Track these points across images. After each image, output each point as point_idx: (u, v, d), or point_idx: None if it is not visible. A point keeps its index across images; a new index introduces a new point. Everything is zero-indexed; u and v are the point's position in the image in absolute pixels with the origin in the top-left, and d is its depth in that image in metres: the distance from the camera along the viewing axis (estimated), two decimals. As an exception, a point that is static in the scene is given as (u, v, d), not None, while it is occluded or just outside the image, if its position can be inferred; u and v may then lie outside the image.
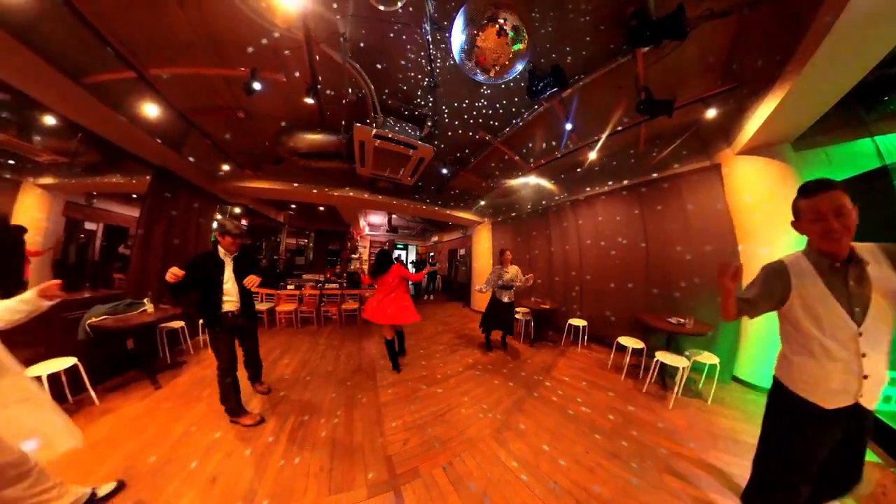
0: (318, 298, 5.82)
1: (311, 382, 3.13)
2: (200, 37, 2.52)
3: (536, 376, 3.38)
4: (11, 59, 2.10)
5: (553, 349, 4.36)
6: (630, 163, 4.28)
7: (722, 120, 3.17)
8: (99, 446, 1.96)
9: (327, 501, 1.64)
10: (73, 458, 1.79)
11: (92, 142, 3.29)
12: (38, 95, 2.51)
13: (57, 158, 3.44)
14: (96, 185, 4.53)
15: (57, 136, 3.33)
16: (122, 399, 2.57)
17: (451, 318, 6.58)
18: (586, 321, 4.48)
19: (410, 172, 4.31)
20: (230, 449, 2.00)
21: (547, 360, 3.92)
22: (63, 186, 4.11)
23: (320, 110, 3.30)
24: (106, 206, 5.14)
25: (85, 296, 3.00)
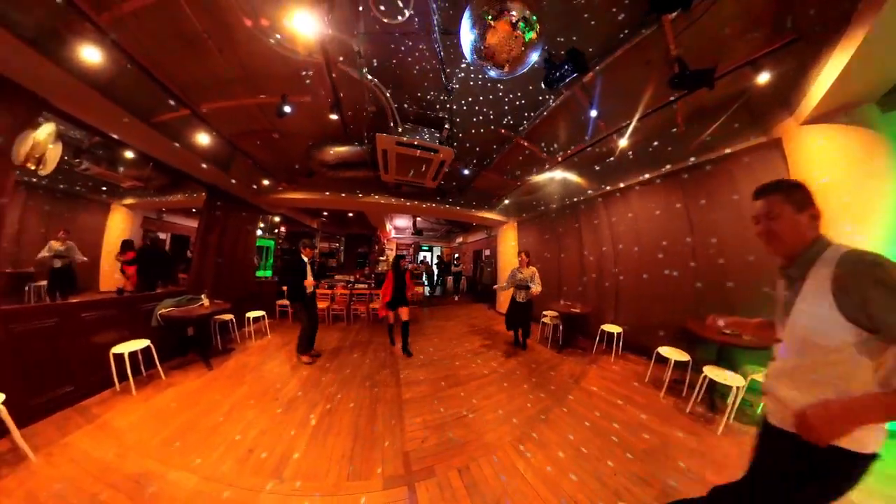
0: (348, 297, 6.27)
1: (339, 374, 3.34)
2: (237, 74, 2.91)
3: (563, 385, 3.15)
4: (99, 110, 2.66)
5: (583, 357, 4.04)
6: (668, 147, 3.74)
7: (778, 84, 2.55)
8: (163, 413, 2.40)
9: (346, 486, 1.75)
10: (143, 421, 2.26)
11: (160, 168, 4.00)
12: (119, 135, 3.12)
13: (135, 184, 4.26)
14: (164, 203, 5.58)
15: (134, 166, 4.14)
16: (182, 376, 3.08)
17: (476, 319, 6.50)
18: (622, 328, 4.02)
19: (433, 175, 4.43)
20: (265, 427, 2.26)
21: (576, 368, 3.64)
22: (140, 205, 5.12)
23: (344, 124, 3.62)
24: (172, 219, 6.33)
25: (158, 292, 3.64)
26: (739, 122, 3.09)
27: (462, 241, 11.30)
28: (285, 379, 3.14)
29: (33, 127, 2.39)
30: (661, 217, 4.01)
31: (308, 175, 5.26)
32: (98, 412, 2.38)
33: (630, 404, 2.76)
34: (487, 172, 4.98)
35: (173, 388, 2.82)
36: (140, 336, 2.93)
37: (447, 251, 12.38)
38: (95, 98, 2.48)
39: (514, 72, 2.05)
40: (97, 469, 1.74)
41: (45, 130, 2.46)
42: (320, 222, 9.28)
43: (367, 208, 6.90)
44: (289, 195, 5.68)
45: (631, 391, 3.03)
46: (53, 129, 2.54)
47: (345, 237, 10.40)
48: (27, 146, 2.35)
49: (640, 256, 4.26)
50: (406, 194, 6.09)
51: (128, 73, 2.45)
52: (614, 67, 2.51)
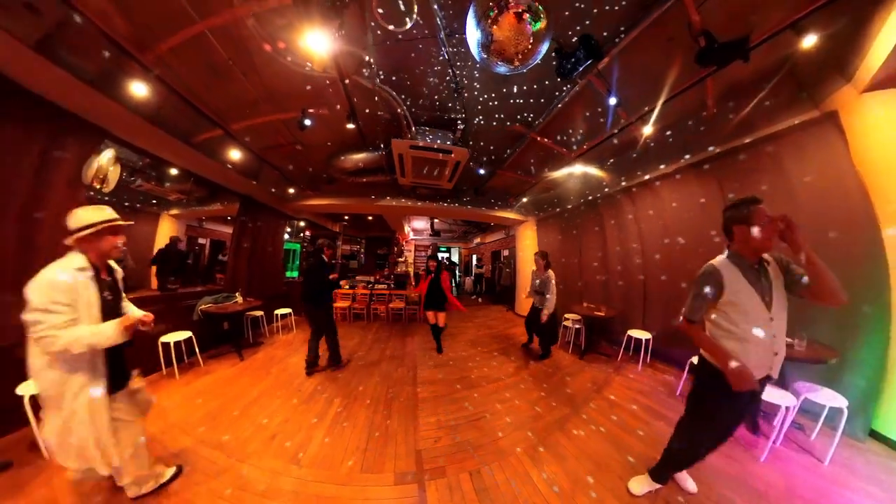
0: (368, 297, 6.55)
1: (358, 370, 3.48)
2: (261, 94, 3.20)
3: (584, 393, 2.99)
4: (148, 135, 3.08)
5: (607, 364, 3.80)
6: (700, 131, 3.36)
7: (829, 48, 2.16)
8: (201, 395, 2.74)
9: (359, 478, 1.83)
10: (184, 402, 2.58)
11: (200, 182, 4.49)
12: (165, 156, 3.56)
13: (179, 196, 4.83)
14: (204, 212, 6.31)
15: (178, 181, 4.72)
16: (218, 365, 3.47)
17: (494, 321, 6.43)
18: (650, 333, 3.72)
19: (448, 177, 4.48)
20: (288, 416, 2.46)
21: (598, 376, 3.43)
22: (184, 215, 5.85)
23: (360, 132, 3.79)
24: (211, 226, 7.17)
25: (198, 289, 4.09)
26: (784, 96, 2.62)
27: (480, 242, 11.21)
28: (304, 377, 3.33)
29: (97, 153, 2.82)
30: (695, 209, 3.57)
31: (329, 182, 5.58)
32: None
33: (657, 418, 2.51)
34: (503, 171, 4.92)
35: (210, 375, 3.19)
36: (183, 328, 3.36)
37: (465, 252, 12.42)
38: (145, 125, 2.90)
39: (525, 66, 1.98)
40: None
41: (106, 155, 2.91)
42: (342, 226, 9.78)
43: (385, 211, 7.16)
44: (312, 201, 6.09)
45: (659, 403, 2.77)
46: (113, 154, 2.99)
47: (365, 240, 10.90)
48: (93, 169, 2.78)
49: (670, 255, 3.85)
50: (423, 196, 6.22)
51: (169, 102, 2.82)
52: (632, 49, 2.31)
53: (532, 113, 3.47)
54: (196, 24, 2.29)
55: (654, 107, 2.96)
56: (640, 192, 4.32)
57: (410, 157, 3.87)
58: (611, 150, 4.09)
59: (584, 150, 4.01)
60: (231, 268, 4.81)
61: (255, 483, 1.75)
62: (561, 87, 2.97)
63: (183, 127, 3.27)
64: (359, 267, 10.42)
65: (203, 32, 2.36)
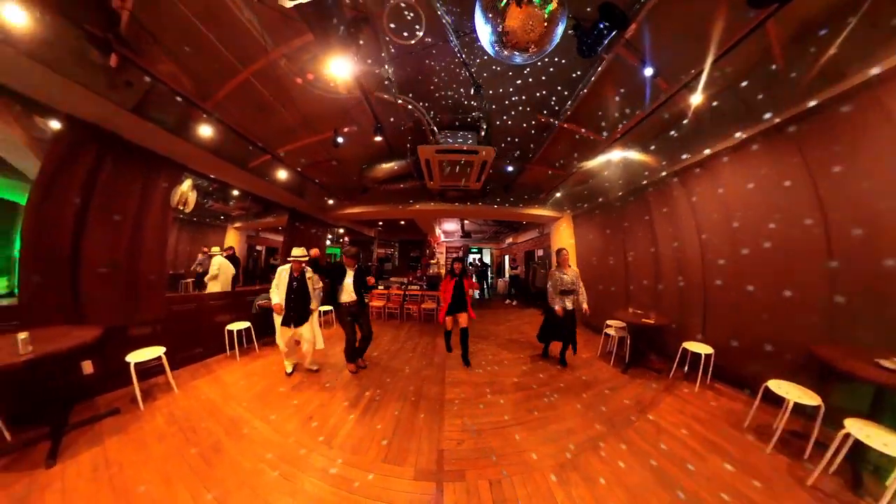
0: (402, 297, 6.85)
1: (389, 366, 3.61)
2: (299, 121, 3.71)
3: (626, 413, 2.63)
4: (215, 165, 3.80)
5: (655, 381, 3.29)
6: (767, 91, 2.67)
7: None
8: (255, 375, 3.28)
9: (381, 467, 1.90)
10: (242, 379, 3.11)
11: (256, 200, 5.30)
12: (228, 180, 4.33)
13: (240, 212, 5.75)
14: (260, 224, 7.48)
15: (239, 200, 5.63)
16: (269, 350, 4.06)
17: (527, 325, 6.05)
18: (712, 348, 3.11)
19: (476, 177, 4.45)
20: (324, 401, 2.71)
21: (644, 394, 2.99)
22: (244, 227, 7.02)
23: (387, 143, 4.11)
24: (266, 236, 8.43)
25: (256, 288, 4.84)
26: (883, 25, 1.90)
27: (512, 242, 10.94)
28: (343, 364, 3.61)
29: (180, 182, 3.55)
30: (768, 190, 2.78)
31: (363, 191, 6.08)
32: (214, 368, 3.42)
33: (714, 452, 2.06)
34: (533, 165, 4.71)
35: (263, 359, 3.77)
36: (244, 319, 4.02)
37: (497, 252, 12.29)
38: (211, 158, 3.61)
39: (543, 51, 1.87)
40: (209, 406, 2.58)
41: (186, 184, 3.65)
42: (377, 231, 10.51)
43: (415, 216, 7.50)
44: (349, 210, 6.70)
45: (719, 435, 2.27)
46: (191, 182, 3.75)
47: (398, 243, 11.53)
48: (177, 195, 3.51)
49: (737, 250, 3.10)
50: (452, 198, 6.21)
51: (228, 137, 3.45)
52: (663, 7, 2.03)
53: (558, 100, 3.26)
54: (241, 73, 2.81)
55: (701, 69, 2.41)
56: (694, 174, 3.61)
57: (437, 161, 4.00)
58: (655, 128, 3.46)
59: (621, 133, 3.47)
60: (282, 270, 5.58)
61: (292, 453, 2.00)
62: (586, 67, 2.72)
63: (240, 156, 3.96)
64: (392, 269, 11.07)
65: (248, 78, 2.88)
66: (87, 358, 2.57)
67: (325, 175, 5.29)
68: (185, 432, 2.15)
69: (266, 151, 4.00)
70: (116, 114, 2.56)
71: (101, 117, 2.57)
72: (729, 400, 2.84)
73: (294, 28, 2.34)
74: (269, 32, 2.38)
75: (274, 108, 3.36)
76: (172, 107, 2.84)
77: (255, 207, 6.21)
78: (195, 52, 2.49)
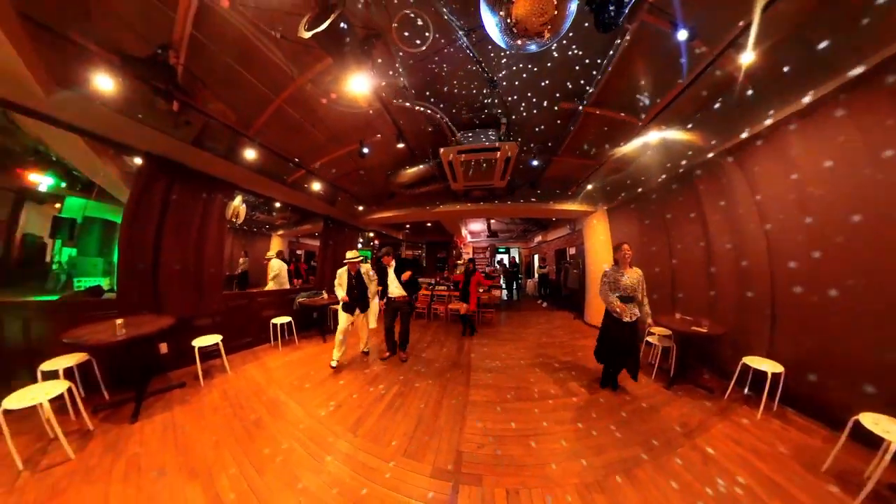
0: (429, 298, 7.05)
1: (415, 364, 3.71)
2: (328, 137, 4.12)
3: (667, 436, 2.25)
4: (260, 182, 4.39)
5: (707, 400, 2.80)
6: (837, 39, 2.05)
7: None
8: (294, 364, 3.71)
9: (401, 460, 1.97)
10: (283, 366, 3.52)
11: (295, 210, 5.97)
12: (271, 194, 4.95)
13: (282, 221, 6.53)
14: (299, 231, 8.39)
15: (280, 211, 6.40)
16: (307, 343, 4.55)
17: (558, 329, 5.74)
18: (783, 365, 2.54)
19: (500, 175, 4.38)
20: (353, 390, 2.94)
21: (691, 415, 2.54)
22: (286, 234, 8.09)
23: (410, 149, 4.30)
24: (305, 241, 9.64)
25: (297, 288, 5.45)
26: None
27: (541, 241, 10.50)
28: (372, 359, 3.92)
29: (232, 199, 4.19)
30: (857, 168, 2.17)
31: (390, 197, 6.43)
32: (260, 356, 3.95)
33: (779, 497, 1.66)
34: (560, 158, 4.40)
35: (301, 350, 4.26)
36: (287, 314, 4.56)
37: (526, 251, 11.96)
38: (256, 177, 4.19)
39: (557, 34, 1.77)
40: (255, 387, 3.03)
41: (238, 200, 4.31)
42: (404, 233, 10.94)
43: (441, 217, 7.64)
44: (377, 215, 7.13)
45: (788, 477, 1.80)
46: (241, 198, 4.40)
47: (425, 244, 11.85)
48: (231, 210, 4.16)
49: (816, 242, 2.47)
50: (477, 198, 6.17)
51: (269, 158, 3.98)
52: None
53: (581, 84, 2.99)
54: (274, 101, 3.25)
55: (749, 20, 2.00)
56: (753, 150, 2.98)
57: (459, 161, 4.03)
58: (697, 101, 2.95)
59: (657, 111, 3.04)
60: (319, 272, 6.18)
61: (320, 436, 2.21)
62: (608, 43, 2.48)
63: (279, 173, 4.53)
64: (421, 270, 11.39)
65: (280, 105, 3.31)
66: (163, 341, 3.21)
67: (355, 184, 5.72)
68: (234, 407, 2.58)
69: (301, 167, 4.52)
70: (181, 147, 3.17)
71: (169, 151, 3.20)
72: (803, 433, 2.26)
73: (314, 55, 2.61)
74: (293, 63, 2.72)
75: (305, 128, 3.80)
76: (222, 137, 3.40)
77: (294, 217, 7.02)
78: (236, 90, 2.96)
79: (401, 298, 3.71)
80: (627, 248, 2.82)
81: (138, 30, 2.16)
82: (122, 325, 2.35)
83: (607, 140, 3.92)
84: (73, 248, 5.75)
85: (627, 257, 2.82)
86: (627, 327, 2.80)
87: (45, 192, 5.44)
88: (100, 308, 2.91)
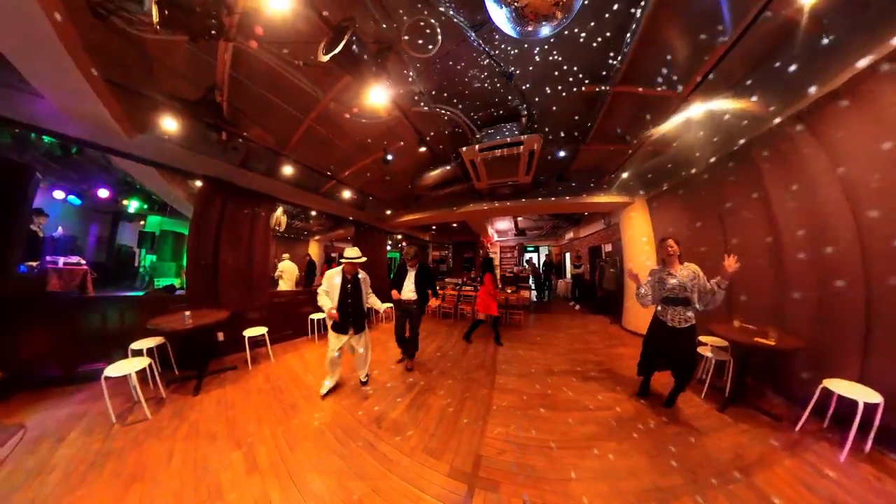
0: (456, 298, 7.14)
1: (440, 363, 3.77)
2: (353, 148, 4.47)
3: (717, 469, 1.91)
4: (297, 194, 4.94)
5: (772, 431, 2.30)
6: None
7: None
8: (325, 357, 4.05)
9: (419, 456, 2.02)
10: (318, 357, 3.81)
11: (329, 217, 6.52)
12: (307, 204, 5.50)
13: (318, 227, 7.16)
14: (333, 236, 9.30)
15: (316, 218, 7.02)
16: None
17: (593, 335, 5.27)
18: (881, 394, 1.99)
19: (525, 170, 4.23)
20: (380, 385, 3.10)
21: (750, 446, 2.13)
22: (322, 239, 8.89)
23: (432, 152, 4.48)
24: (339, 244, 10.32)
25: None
26: None
27: (573, 237, 9.85)
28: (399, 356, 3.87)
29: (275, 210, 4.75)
30: None
31: (415, 200, 6.70)
32: (299, 347, 4.38)
33: None
34: (588, 146, 4.08)
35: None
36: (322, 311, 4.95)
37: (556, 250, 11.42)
38: (294, 189, 4.77)
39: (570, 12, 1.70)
40: (293, 374, 3.42)
41: (279, 211, 4.88)
42: (431, 234, 11.22)
43: (466, 217, 7.71)
44: (404, 218, 7.49)
45: None
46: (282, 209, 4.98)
47: (452, 245, 11.94)
48: (274, 219, 4.74)
49: None
50: (503, 196, 6.04)
51: (304, 172, 4.48)
52: None
53: (605, 62, 2.72)
54: (305, 121, 3.66)
55: None
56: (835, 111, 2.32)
57: (481, 160, 3.98)
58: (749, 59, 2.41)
59: (699, 79, 2.57)
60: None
61: (347, 424, 2.38)
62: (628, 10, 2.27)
63: (313, 185, 5.05)
64: (447, 270, 11.57)
65: (310, 125, 3.72)
66: (220, 330, 3.77)
67: (381, 189, 6.08)
68: (275, 391, 2.96)
69: (332, 178, 4.98)
70: (231, 170, 3.78)
71: (221, 173, 3.80)
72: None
73: (334, 75, 2.86)
74: (317, 85, 3.06)
75: (333, 142, 4.20)
76: (263, 157, 3.94)
77: (328, 223, 7.70)
78: (271, 115, 3.42)
79: (412, 302, 3.43)
80: (672, 244, 2.45)
81: (189, 77, 2.67)
82: (189, 316, 2.89)
83: (641, 121, 3.48)
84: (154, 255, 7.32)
85: (673, 253, 2.45)
86: (675, 334, 2.42)
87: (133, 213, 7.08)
88: (173, 302, 3.55)
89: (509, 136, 3.51)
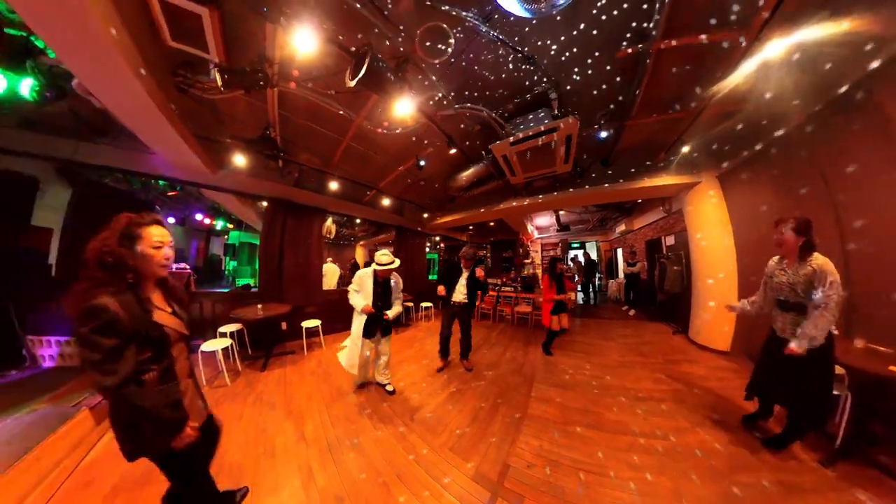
0: (495, 299, 6.92)
1: (477, 365, 3.72)
2: (388, 158, 4.89)
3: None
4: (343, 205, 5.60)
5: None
6: None
7: None
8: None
9: (446, 454, 2.03)
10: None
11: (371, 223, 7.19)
12: (352, 213, 6.16)
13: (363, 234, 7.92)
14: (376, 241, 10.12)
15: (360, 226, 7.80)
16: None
17: (649, 346, 4.47)
18: None
19: (563, 158, 3.92)
20: (415, 381, 3.24)
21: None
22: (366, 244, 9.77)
23: (462, 152, 4.52)
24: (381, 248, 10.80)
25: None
26: None
27: (625, 230, 8.46)
28: (435, 355, 3.88)
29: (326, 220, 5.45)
30: None
31: (451, 201, 6.91)
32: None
33: None
34: (634, 121, 3.47)
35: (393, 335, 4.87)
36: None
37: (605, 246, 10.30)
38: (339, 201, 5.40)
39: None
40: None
41: (329, 220, 5.59)
42: (468, 235, 11.20)
43: (503, 215, 7.50)
44: (441, 220, 7.76)
45: None
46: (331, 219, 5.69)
47: (490, 245, 11.70)
48: (325, 228, 5.42)
49: None
50: (539, 190, 5.60)
51: (347, 186, 5.06)
52: None
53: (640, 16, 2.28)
54: (343, 142, 4.17)
55: None
56: None
57: (514, 153, 3.80)
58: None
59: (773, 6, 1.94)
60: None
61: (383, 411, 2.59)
62: None
63: (356, 195, 5.66)
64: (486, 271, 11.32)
65: (348, 144, 4.22)
66: (284, 321, 4.46)
67: (417, 194, 6.45)
68: (325, 375, 3.44)
69: (372, 187, 5.52)
70: (288, 190, 4.53)
71: (282, 194, 4.58)
72: None
73: (363, 96, 3.12)
74: (349, 108, 3.43)
75: (370, 157, 4.68)
76: (313, 177, 4.62)
77: (371, 229, 8.50)
78: (315, 141, 4.01)
79: (462, 303, 3.42)
80: (784, 229, 1.87)
81: (248, 122, 3.36)
82: (261, 309, 3.64)
83: (698, 78, 2.77)
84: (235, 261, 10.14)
85: (788, 241, 1.87)
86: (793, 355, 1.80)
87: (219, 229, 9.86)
88: (249, 298, 4.40)
89: (542, 123, 3.23)
